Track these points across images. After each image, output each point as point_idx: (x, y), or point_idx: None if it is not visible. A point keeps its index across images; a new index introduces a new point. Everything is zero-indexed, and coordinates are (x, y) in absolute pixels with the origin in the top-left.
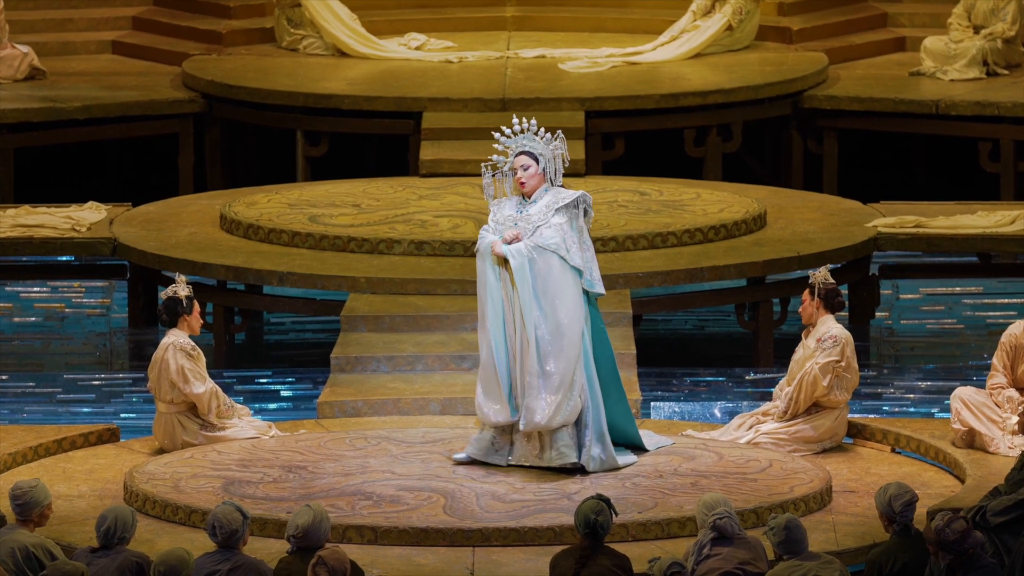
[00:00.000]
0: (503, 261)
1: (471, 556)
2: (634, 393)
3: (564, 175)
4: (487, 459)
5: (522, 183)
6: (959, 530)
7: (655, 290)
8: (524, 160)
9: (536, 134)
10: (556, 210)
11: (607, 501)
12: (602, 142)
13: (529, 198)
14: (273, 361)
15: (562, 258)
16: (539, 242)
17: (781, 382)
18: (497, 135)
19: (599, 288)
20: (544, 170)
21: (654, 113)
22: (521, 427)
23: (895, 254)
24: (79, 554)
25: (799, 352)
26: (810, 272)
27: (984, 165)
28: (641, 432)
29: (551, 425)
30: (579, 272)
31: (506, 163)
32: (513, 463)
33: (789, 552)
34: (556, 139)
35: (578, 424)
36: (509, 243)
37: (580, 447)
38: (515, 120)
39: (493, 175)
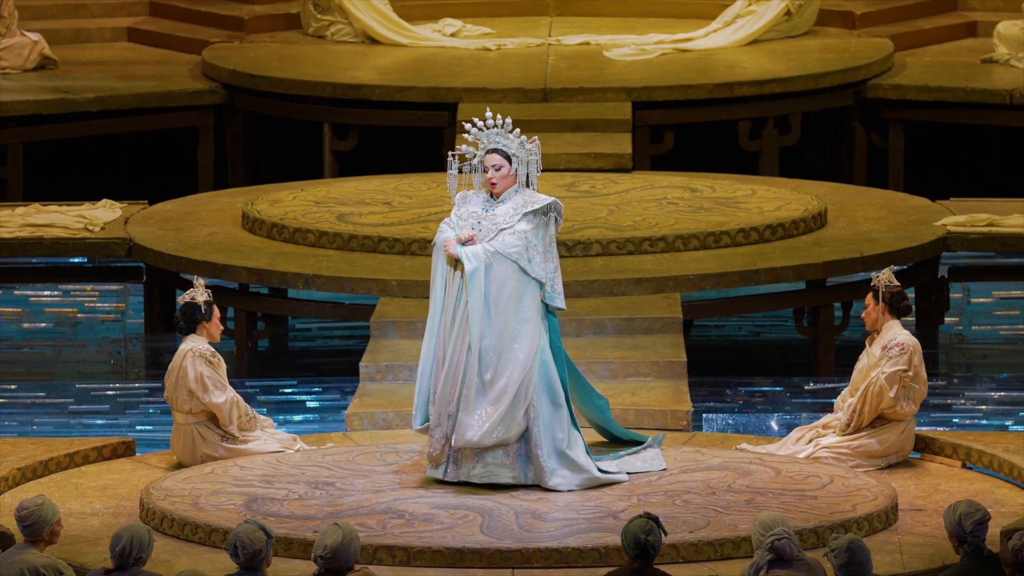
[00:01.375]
0: (456, 262)
1: None
2: (684, 404)
3: (610, 170)
4: (434, 475)
5: (493, 184)
6: None
7: (707, 294)
8: (496, 159)
9: (511, 133)
10: (524, 215)
11: (656, 520)
12: (650, 135)
13: (498, 198)
14: (298, 370)
15: (522, 268)
16: (499, 248)
17: (843, 393)
18: (468, 125)
19: (560, 302)
20: (516, 172)
21: (706, 104)
22: (453, 443)
23: (966, 255)
24: (93, 575)
25: (863, 360)
26: (873, 274)
27: None
28: (647, 454)
29: (483, 443)
30: (540, 284)
31: (475, 156)
32: (449, 480)
33: (852, 575)
34: (532, 143)
35: (527, 443)
36: (464, 244)
37: (528, 467)
38: (488, 114)
39: (460, 167)
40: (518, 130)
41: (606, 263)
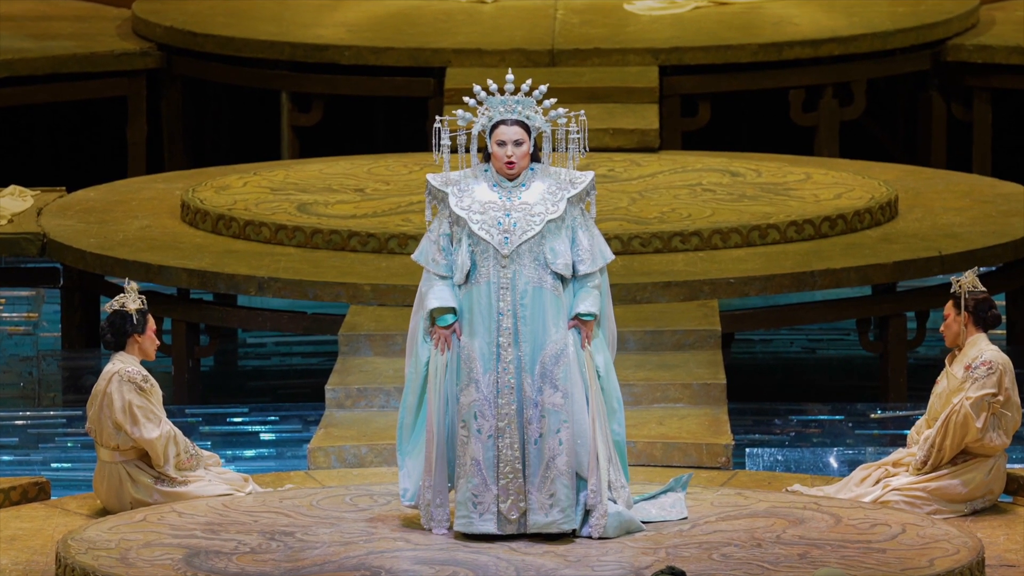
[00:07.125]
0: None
1: None
2: (724, 436)
3: (632, 150)
4: (483, 530)
5: (511, 163)
6: None
7: (751, 301)
8: (518, 132)
9: (540, 104)
10: (568, 200)
11: (682, 574)
12: (681, 107)
13: (511, 180)
14: (251, 394)
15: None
16: (604, 259)
17: (919, 423)
18: (477, 88)
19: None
20: (531, 149)
21: (750, 69)
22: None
23: None
24: None
25: (942, 383)
26: (954, 278)
27: None
28: (666, 499)
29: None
30: None
31: (475, 123)
32: (505, 533)
33: None
34: (575, 118)
35: (576, 476)
36: (449, 327)
37: (578, 505)
38: (510, 77)
39: (453, 136)
40: (554, 100)
41: (627, 263)
